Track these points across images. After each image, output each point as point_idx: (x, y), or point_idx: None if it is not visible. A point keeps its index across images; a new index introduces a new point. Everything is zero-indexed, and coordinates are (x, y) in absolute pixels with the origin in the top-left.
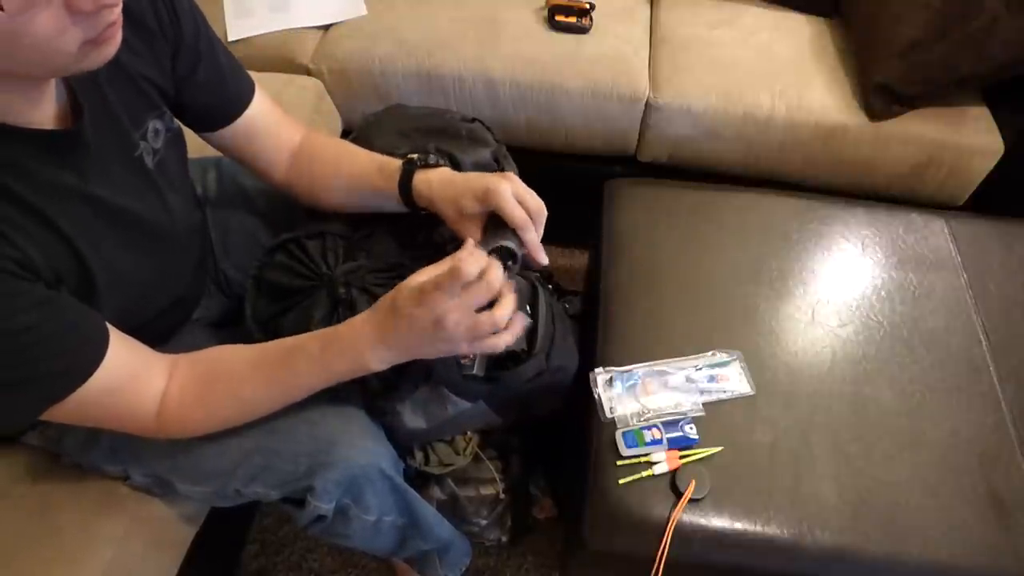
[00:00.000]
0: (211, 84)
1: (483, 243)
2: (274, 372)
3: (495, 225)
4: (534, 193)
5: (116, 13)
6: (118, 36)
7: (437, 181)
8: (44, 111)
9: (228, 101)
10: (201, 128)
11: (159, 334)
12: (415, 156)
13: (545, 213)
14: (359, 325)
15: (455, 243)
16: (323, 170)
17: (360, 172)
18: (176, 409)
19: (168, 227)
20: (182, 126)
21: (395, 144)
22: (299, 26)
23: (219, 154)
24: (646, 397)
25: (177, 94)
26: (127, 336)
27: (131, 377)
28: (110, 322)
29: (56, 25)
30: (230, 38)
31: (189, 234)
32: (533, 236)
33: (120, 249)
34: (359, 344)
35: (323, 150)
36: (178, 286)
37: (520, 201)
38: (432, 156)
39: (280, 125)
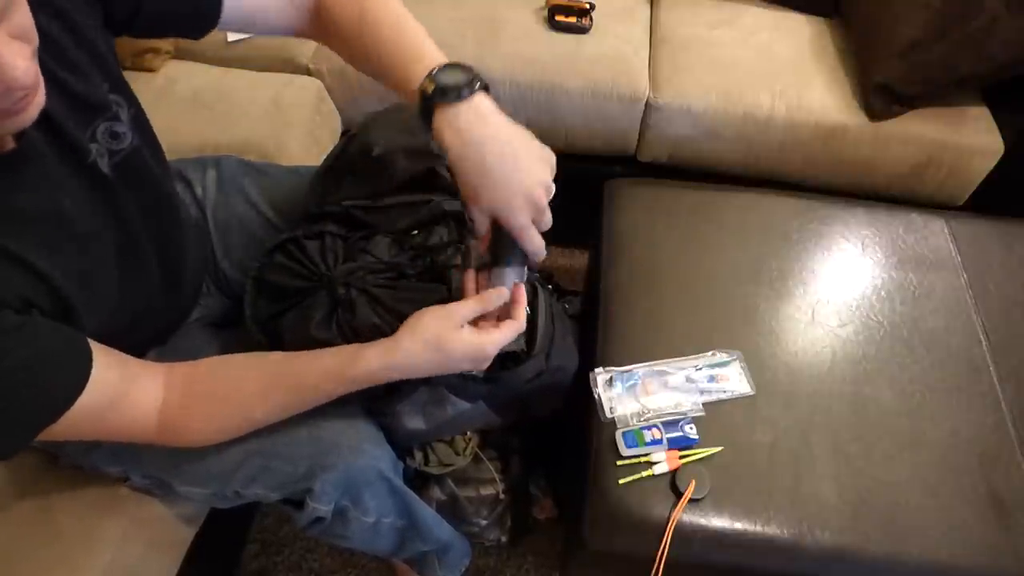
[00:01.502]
0: (166, 8)
1: (492, 252)
2: (286, 402)
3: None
4: (548, 216)
5: (31, 88)
6: (36, 102)
7: (458, 148)
8: None
9: (196, 10)
10: (191, 37)
11: (156, 336)
12: (432, 85)
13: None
14: (376, 364)
15: (456, 247)
16: (346, 50)
17: (385, 74)
18: (180, 423)
19: (128, 233)
20: (143, 113)
21: (396, 140)
22: None
23: (219, 154)
24: (646, 397)
25: (139, 31)
26: (113, 351)
27: (122, 394)
28: (96, 335)
29: None
30: (230, 39)
31: (163, 235)
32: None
33: (86, 259)
34: (376, 379)
35: (342, 25)
36: (162, 289)
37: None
38: (455, 90)
39: None
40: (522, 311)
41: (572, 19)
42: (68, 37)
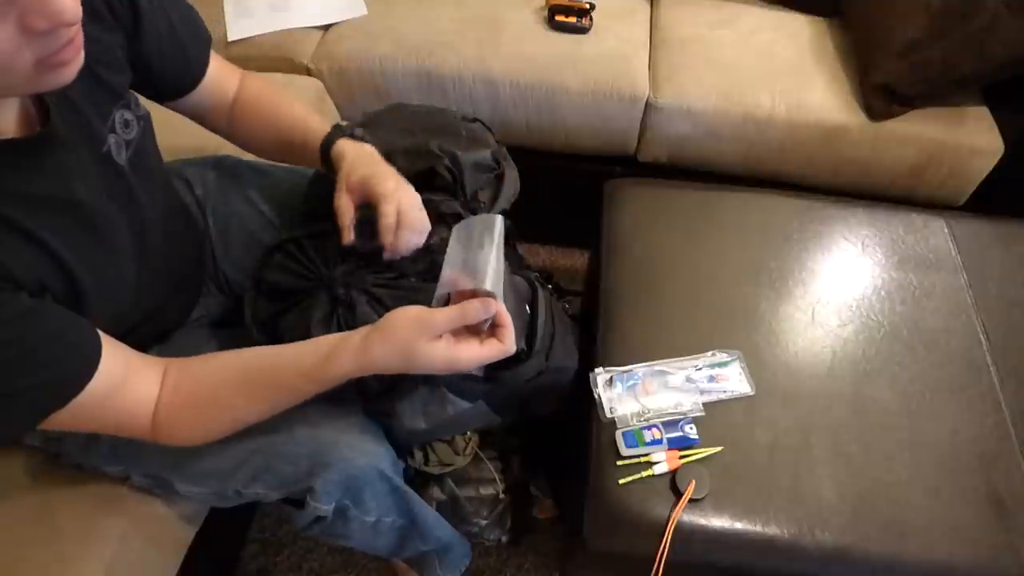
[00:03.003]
0: (175, 58)
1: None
2: (262, 397)
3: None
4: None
5: (74, 31)
6: (79, 58)
7: (355, 150)
8: (6, 119)
9: (190, 72)
10: (162, 100)
11: (157, 334)
12: (344, 124)
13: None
14: (349, 367)
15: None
16: (256, 124)
17: (289, 128)
18: (167, 422)
19: (141, 225)
20: (148, 110)
21: (396, 140)
22: (299, 26)
23: (219, 154)
24: (646, 397)
25: (137, 74)
26: (117, 342)
27: (122, 385)
28: (103, 326)
29: (8, 44)
30: (230, 38)
31: (170, 228)
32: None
33: (101, 251)
34: (350, 374)
35: (255, 104)
36: (168, 285)
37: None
38: (358, 130)
39: (224, 80)
40: (509, 336)
41: (572, 19)
42: (97, 30)
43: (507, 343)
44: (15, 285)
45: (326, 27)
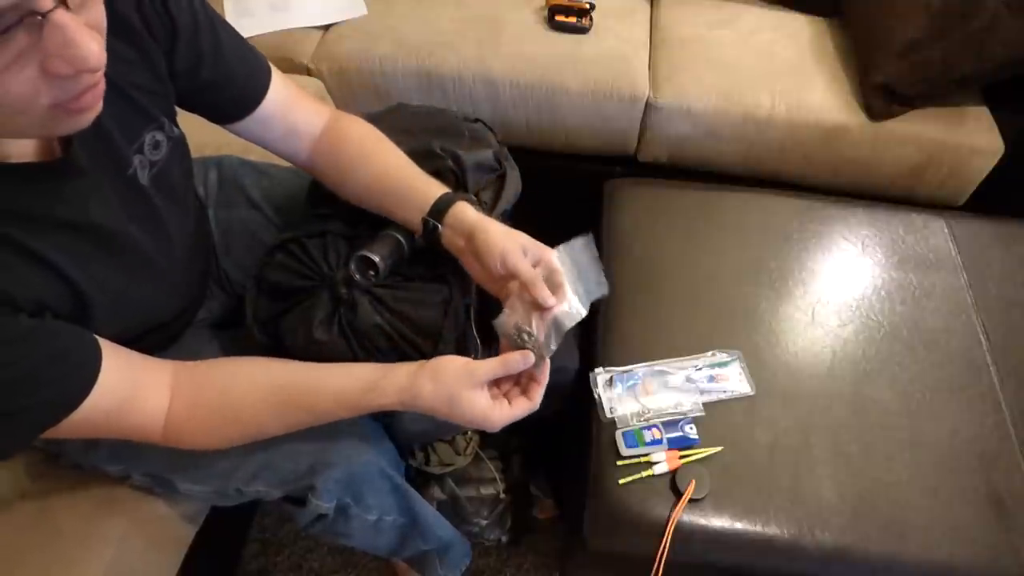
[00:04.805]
0: (217, 83)
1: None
2: (290, 417)
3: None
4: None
5: (97, 77)
6: (97, 105)
7: (482, 218)
8: (24, 143)
9: (238, 98)
10: (212, 121)
11: (163, 340)
12: (471, 195)
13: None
14: (392, 400)
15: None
16: (346, 164)
17: (394, 177)
18: (185, 431)
19: (167, 244)
20: (182, 132)
21: (399, 141)
22: (299, 26)
23: (220, 154)
24: (646, 397)
25: (178, 95)
26: (123, 351)
27: (128, 398)
28: (111, 334)
29: (28, 88)
30: None
31: (190, 245)
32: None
33: (119, 271)
34: (388, 407)
35: (346, 144)
36: (183, 298)
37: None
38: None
39: (298, 111)
40: (539, 393)
41: (572, 19)
42: (135, 55)
43: (534, 400)
44: (13, 307)
45: (326, 27)
